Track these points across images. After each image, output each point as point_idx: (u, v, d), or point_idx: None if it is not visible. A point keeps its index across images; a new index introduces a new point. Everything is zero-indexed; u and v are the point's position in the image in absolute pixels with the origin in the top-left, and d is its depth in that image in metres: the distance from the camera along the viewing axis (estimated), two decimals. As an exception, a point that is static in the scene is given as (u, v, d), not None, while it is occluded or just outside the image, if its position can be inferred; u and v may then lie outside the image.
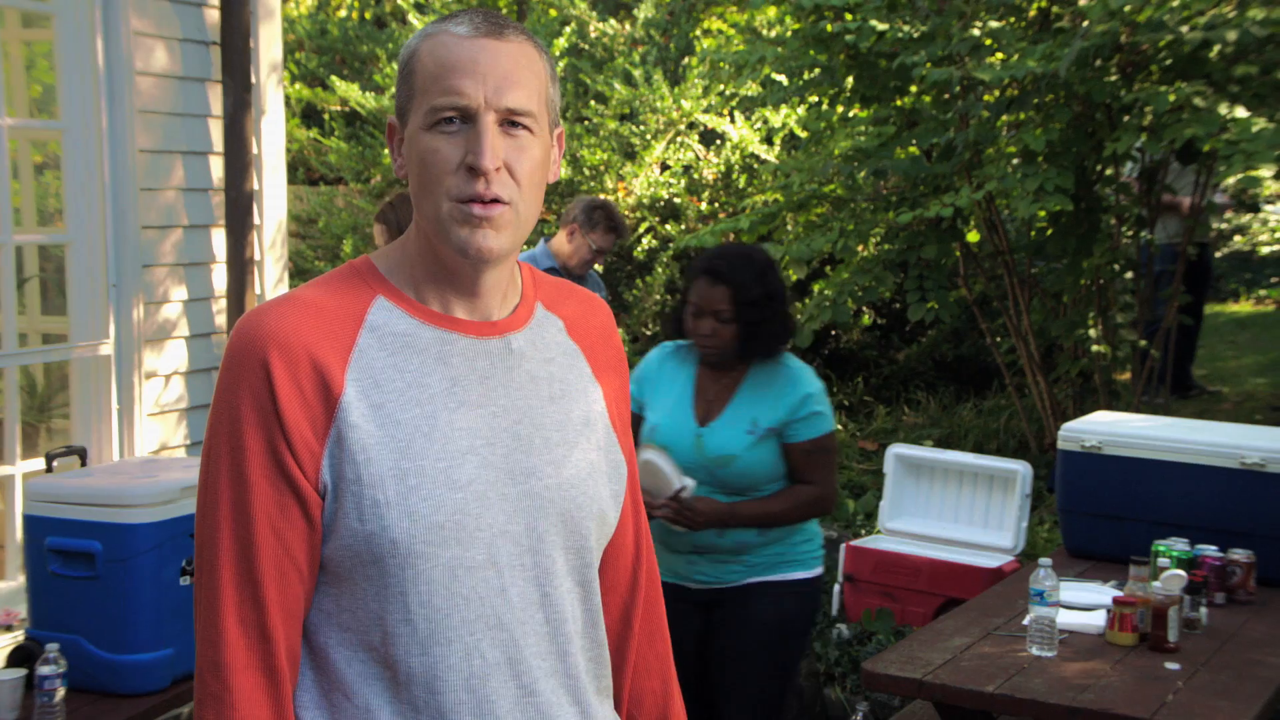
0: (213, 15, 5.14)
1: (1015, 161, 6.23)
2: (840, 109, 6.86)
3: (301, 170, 10.72)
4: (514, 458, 1.61)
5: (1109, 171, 6.50)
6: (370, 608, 1.55)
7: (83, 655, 3.88)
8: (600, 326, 1.79)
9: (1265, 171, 5.66)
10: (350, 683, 1.56)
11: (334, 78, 10.25)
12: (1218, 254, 9.91)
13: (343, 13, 13.10)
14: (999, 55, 6.19)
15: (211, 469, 1.54)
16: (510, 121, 1.56)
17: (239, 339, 1.55)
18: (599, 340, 1.77)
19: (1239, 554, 4.04)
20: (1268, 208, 10.13)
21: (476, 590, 1.56)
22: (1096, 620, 3.70)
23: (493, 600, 1.57)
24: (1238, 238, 12.46)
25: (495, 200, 1.55)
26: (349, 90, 9.77)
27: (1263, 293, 13.62)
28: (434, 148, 1.56)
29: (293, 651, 1.55)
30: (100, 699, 3.89)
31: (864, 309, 8.47)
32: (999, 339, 7.34)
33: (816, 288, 7.44)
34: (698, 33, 9.97)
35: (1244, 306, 13.45)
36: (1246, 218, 12.14)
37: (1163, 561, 3.85)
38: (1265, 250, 13.05)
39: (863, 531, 6.24)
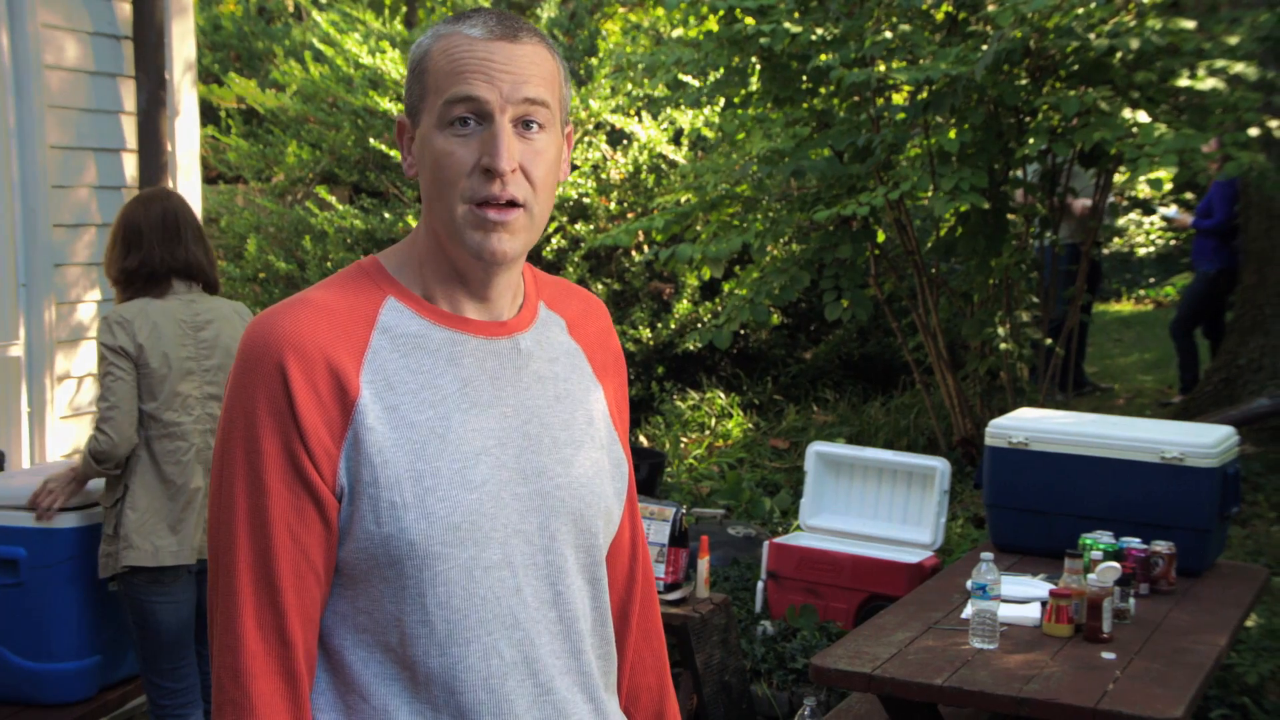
0: (124, 9, 5.01)
1: (925, 162, 6.33)
2: (753, 110, 6.90)
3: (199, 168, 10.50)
4: (525, 458, 1.61)
5: (1015, 173, 6.64)
6: (387, 609, 1.53)
7: (4, 665, 3.77)
8: (599, 328, 1.79)
9: (1166, 173, 5.85)
10: (367, 684, 1.54)
11: (231, 74, 10.06)
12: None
13: (228, 7, 12.82)
14: (903, 61, 6.26)
15: (226, 474, 1.52)
16: (525, 122, 1.55)
17: (252, 342, 1.52)
18: (598, 341, 1.77)
19: (1161, 546, 4.15)
20: (1160, 209, 10.46)
21: (493, 590, 1.56)
22: (1032, 612, 3.78)
23: (509, 600, 1.57)
24: (1117, 239, 12.82)
25: (510, 203, 1.54)
26: (247, 87, 9.59)
27: (1142, 292, 14.06)
28: (448, 150, 1.54)
29: (310, 655, 1.53)
30: (23, 710, 3.79)
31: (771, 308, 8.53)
32: (906, 337, 7.45)
33: (727, 287, 7.47)
34: (601, 31, 9.96)
35: (1126, 306, 13.89)
36: (1123, 220, 12.50)
37: (1095, 554, 3.94)
38: (1143, 252, 13.48)
39: (780, 529, 6.30)
